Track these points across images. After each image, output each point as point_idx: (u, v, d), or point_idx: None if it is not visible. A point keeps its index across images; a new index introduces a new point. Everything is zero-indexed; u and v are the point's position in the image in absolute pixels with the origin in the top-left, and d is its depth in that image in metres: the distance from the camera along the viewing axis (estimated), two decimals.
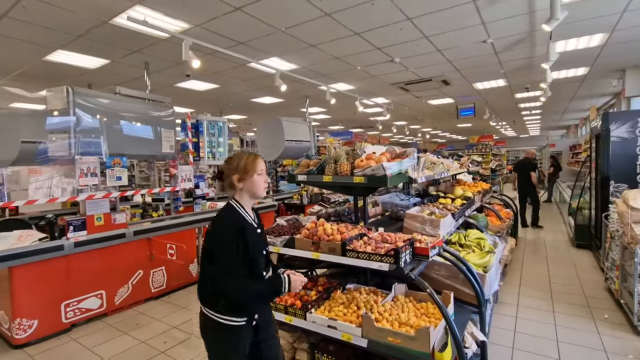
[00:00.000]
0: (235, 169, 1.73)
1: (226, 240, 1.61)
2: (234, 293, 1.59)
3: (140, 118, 4.47)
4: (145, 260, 4.20)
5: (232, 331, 1.67)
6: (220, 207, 1.81)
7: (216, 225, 1.67)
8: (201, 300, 1.71)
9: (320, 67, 6.42)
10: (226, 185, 1.80)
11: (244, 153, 1.81)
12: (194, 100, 9.04)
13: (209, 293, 1.67)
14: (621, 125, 4.88)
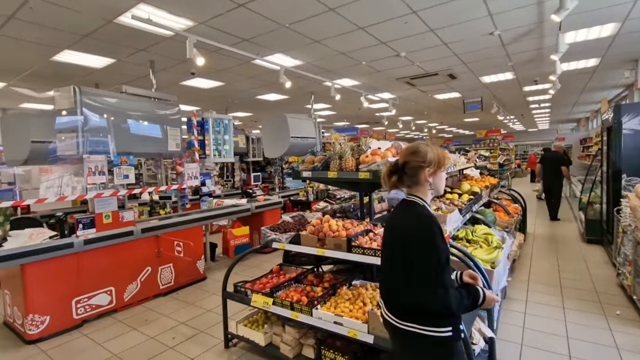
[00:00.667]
0: (428, 161, 1.50)
1: (435, 242, 1.40)
2: (443, 302, 1.36)
3: (146, 116, 4.50)
4: (153, 257, 4.25)
5: (443, 344, 1.42)
6: (406, 208, 1.54)
7: (421, 226, 1.43)
8: (391, 310, 1.49)
9: (324, 63, 6.39)
10: (407, 180, 1.54)
11: (428, 144, 1.56)
12: (199, 98, 9.08)
13: (406, 303, 1.44)
14: (634, 117, 4.77)
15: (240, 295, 2.95)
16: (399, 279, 1.45)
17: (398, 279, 1.46)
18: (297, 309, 2.53)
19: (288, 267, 3.47)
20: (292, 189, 9.39)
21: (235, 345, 3.11)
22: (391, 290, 1.52)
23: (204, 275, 4.84)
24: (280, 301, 2.65)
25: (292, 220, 3.26)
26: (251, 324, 3.05)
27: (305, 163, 3.16)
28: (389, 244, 1.57)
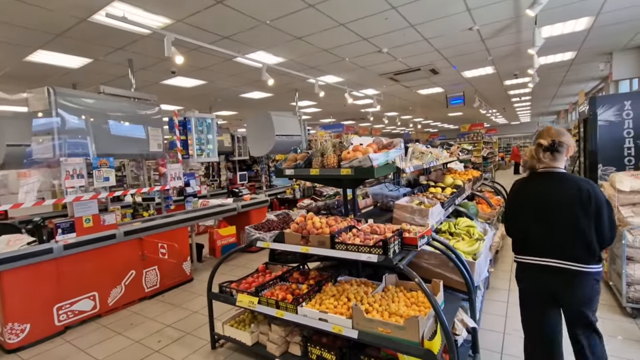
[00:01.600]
0: (571, 143, 2.00)
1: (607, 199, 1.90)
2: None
3: (126, 117, 4.41)
4: (137, 260, 4.18)
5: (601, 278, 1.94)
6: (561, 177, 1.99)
7: (594, 187, 1.89)
8: (581, 259, 1.88)
9: (307, 60, 6.37)
10: (558, 156, 1.99)
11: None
12: (181, 97, 8.94)
13: (596, 248, 1.87)
14: (608, 109, 4.92)
15: (226, 296, 2.94)
16: (586, 231, 1.85)
17: (585, 231, 1.85)
18: (283, 307, 2.53)
19: (274, 266, 3.47)
20: (279, 187, 9.36)
21: (222, 346, 3.09)
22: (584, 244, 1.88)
23: (190, 276, 4.79)
24: (265, 300, 2.64)
25: (276, 219, 3.25)
26: (238, 323, 3.04)
27: (288, 161, 3.15)
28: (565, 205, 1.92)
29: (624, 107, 4.84)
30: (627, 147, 4.86)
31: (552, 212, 1.95)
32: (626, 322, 3.13)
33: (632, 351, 2.69)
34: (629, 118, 4.82)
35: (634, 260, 3.21)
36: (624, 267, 3.18)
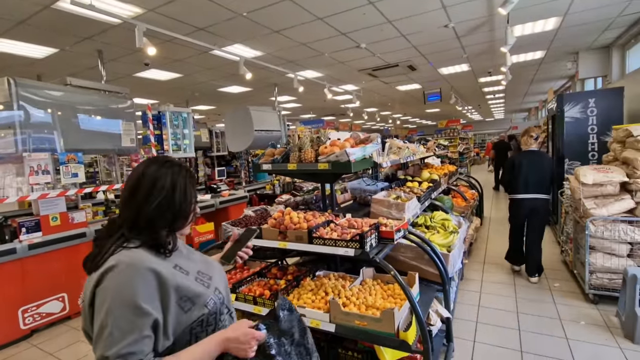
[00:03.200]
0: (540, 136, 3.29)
1: None
2: None
3: (97, 110, 4.23)
4: None
5: None
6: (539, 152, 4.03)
7: (550, 158, 3.74)
8: (545, 192, 3.93)
9: (286, 54, 6.30)
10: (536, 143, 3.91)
11: None
12: (156, 90, 8.65)
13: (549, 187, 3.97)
14: (574, 106, 5.15)
15: None
16: (547, 179, 3.88)
17: (547, 179, 3.87)
18: (260, 303, 2.51)
19: (252, 262, 3.43)
20: (259, 182, 9.27)
21: None
22: (546, 186, 3.90)
23: None
24: (242, 296, 2.61)
25: (254, 215, 3.22)
26: None
27: (266, 156, 3.11)
28: (538, 165, 3.88)
29: (588, 104, 5.08)
30: (591, 142, 5.12)
31: (534, 170, 3.85)
32: (588, 308, 3.31)
33: (593, 335, 2.85)
34: (593, 115, 5.07)
35: (596, 250, 3.39)
36: (587, 256, 3.35)
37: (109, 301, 0.87)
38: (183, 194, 1.02)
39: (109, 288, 0.88)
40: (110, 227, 1.00)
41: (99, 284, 0.90)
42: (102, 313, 0.87)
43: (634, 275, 2.85)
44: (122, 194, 1.02)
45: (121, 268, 0.90)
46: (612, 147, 3.90)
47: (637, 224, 3.23)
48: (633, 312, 2.76)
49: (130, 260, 0.92)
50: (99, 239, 1.00)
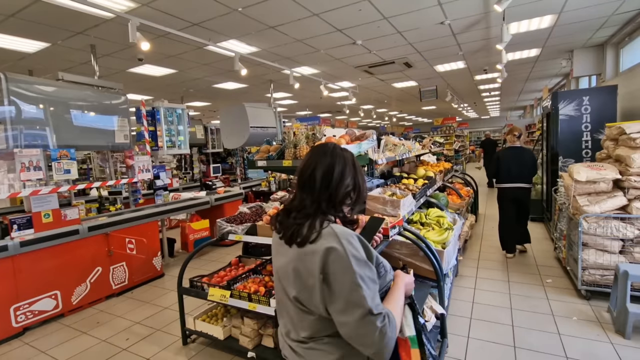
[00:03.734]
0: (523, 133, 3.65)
1: None
2: None
3: (90, 106, 4.18)
4: (103, 256, 4.00)
5: None
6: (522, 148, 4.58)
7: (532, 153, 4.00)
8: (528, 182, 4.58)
9: (282, 50, 6.26)
10: (520, 140, 4.08)
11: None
12: (151, 86, 8.57)
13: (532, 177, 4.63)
14: (569, 104, 5.18)
15: (197, 290, 2.87)
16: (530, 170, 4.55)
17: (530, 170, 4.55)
18: (255, 300, 2.51)
19: (247, 259, 3.43)
20: (255, 179, 9.24)
21: (194, 341, 3.04)
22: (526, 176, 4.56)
23: (161, 272, 4.66)
24: (237, 293, 2.61)
25: (249, 211, 3.21)
26: (210, 318, 2.99)
27: (261, 152, 3.10)
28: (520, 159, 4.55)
29: (582, 102, 5.11)
30: (584, 140, 5.15)
31: (516, 163, 4.51)
32: (580, 303, 3.35)
33: (585, 331, 2.89)
34: (587, 113, 5.10)
35: (589, 246, 3.42)
36: (580, 252, 3.38)
37: (352, 265, 0.97)
38: (362, 178, 1.17)
39: (344, 255, 0.98)
40: (300, 207, 1.08)
41: (330, 253, 0.98)
42: (349, 280, 0.96)
43: (625, 271, 2.88)
44: (310, 177, 1.10)
45: (343, 237, 1.01)
46: (605, 145, 3.93)
47: (629, 220, 3.27)
48: (624, 307, 2.79)
49: (345, 231, 1.03)
50: (289, 219, 1.09)
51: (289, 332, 1.13)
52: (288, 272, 1.08)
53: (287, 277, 1.09)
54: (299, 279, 1.04)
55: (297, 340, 1.09)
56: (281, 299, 1.16)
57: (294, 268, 1.05)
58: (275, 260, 1.18)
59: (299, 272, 1.04)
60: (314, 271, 1.00)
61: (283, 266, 1.11)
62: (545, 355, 2.60)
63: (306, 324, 1.06)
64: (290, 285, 1.08)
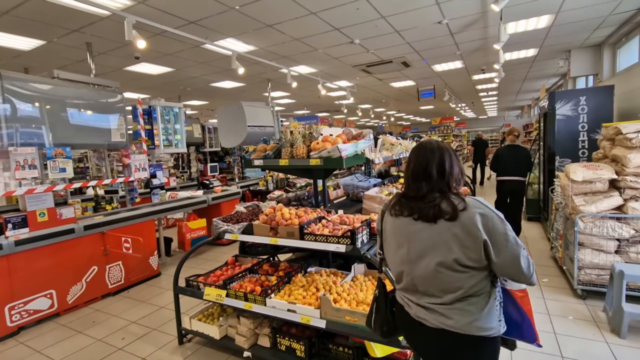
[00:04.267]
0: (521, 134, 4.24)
1: None
2: None
3: (86, 105, 4.15)
4: (99, 255, 3.98)
5: None
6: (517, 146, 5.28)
7: (528, 150, 4.37)
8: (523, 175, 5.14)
9: (279, 49, 6.25)
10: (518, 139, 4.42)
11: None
12: (147, 85, 8.53)
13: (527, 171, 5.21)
14: (566, 104, 5.19)
15: (193, 290, 2.86)
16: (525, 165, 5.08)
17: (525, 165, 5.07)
18: (251, 300, 2.50)
19: (244, 258, 3.42)
20: (252, 178, 9.22)
21: (190, 341, 3.03)
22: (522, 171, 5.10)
23: (157, 271, 4.64)
24: (233, 292, 2.60)
25: (245, 211, 3.20)
26: (206, 317, 2.98)
27: (257, 151, 3.09)
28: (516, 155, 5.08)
29: (579, 102, 5.12)
30: (581, 140, 5.16)
31: (512, 159, 5.00)
32: (576, 303, 3.36)
33: (581, 330, 2.90)
34: (584, 113, 5.11)
35: (585, 246, 3.43)
36: (576, 252, 3.39)
37: (499, 223, 1.25)
38: (460, 162, 1.46)
39: (493, 216, 1.26)
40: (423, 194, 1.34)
41: (484, 216, 1.25)
42: (502, 230, 1.25)
43: (620, 271, 2.89)
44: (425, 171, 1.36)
45: (484, 204, 1.29)
46: (602, 145, 3.94)
47: (624, 220, 3.28)
48: (620, 307, 2.81)
49: (482, 200, 1.32)
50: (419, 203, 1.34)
51: (427, 297, 1.34)
52: (436, 243, 1.29)
53: (434, 248, 1.29)
54: (458, 242, 1.25)
55: (440, 303, 1.30)
56: (419, 274, 1.34)
57: (452, 236, 1.26)
58: (402, 240, 1.38)
59: (457, 237, 1.25)
60: (477, 231, 1.23)
61: (425, 239, 1.31)
62: (540, 354, 2.61)
63: (456, 285, 1.27)
64: (440, 254, 1.28)
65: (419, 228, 1.33)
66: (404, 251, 1.37)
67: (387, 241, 1.47)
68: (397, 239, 1.41)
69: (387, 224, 1.46)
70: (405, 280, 1.39)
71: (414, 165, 1.39)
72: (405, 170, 1.44)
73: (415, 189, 1.36)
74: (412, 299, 1.39)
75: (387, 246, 1.48)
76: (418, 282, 1.35)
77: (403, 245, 1.38)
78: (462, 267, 1.26)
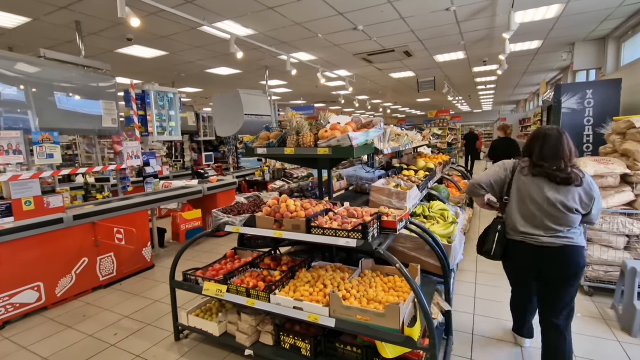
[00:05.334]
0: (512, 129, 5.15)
1: None
2: None
3: (75, 88, 3.92)
4: (90, 246, 3.80)
5: None
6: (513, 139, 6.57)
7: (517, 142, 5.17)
8: None
9: (279, 34, 6.01)
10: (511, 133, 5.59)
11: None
12: (141, 69, 8.21)
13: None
14: (572, 97, 5.09)
15: (191, 284, 2.71)
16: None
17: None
18: (254, 296, 2.36)
19: (243, 251, 3.27)
20: (248, 169, 9.03)
21: (187, 337, 2.89)
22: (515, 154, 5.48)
23: (151, 263, 4.47)
24: (235, 288, 2.46)
25: (246, 202, 3.04)
26: (204, 313, 2.84)
27: (260, 139, 2.92)
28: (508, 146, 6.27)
29: (586, 95, 5.03)
30: (586, 134, 5.09)
31: (505, 150, 6.04)
32: (584, 300, 3.29)
33: (590, 328, 2.83)
34: (590, 107, 5.02)
35: (593, 242, 3.36)
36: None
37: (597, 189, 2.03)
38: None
39: (595, 185, 2.02)
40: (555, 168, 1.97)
41: (592, 183, 1.99)
42: (598, 192, 2.03)
43: (633, 268, 2.81)
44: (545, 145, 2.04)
45: (590, 176, 2.02)
46: (611, 139, 3.85)
47: (636, 216, 3.20)
48: (632, 305, 2.74)
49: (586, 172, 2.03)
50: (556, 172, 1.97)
51: (552, 230, 2.02)
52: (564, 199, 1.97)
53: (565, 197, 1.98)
54: (579, 199, 1.97)
55: (560, 231, 2.01)
56: (545, 214, 2.03)
57: (579, 194, 1.97)
58: (536, 194, 2.04)
59: (581, 196, 1.97)
60: (592, 193, 1.98)
61: (553, 196, 1.99)
62: None
63: (568, 221, 1.99)
64: (565, 205, 1.97)
65: (549, 188, 2.01)
66: (539, 200, 2.03)
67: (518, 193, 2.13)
68: (530, 193, 2.08)
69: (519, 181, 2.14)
70: (536, 222, 2.07)
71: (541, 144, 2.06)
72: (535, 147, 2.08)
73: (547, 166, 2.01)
74: (537, 233, 2.07)
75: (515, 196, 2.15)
76: (548, 220, 2.03)
77: (535, 198, 2.06)
78: (575, 212, 1.98)
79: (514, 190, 2.14)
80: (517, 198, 2.12)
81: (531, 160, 2.07)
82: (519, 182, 2.10)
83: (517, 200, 2.12)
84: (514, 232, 2.16)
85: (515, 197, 2.13)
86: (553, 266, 2.04)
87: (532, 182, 2.04)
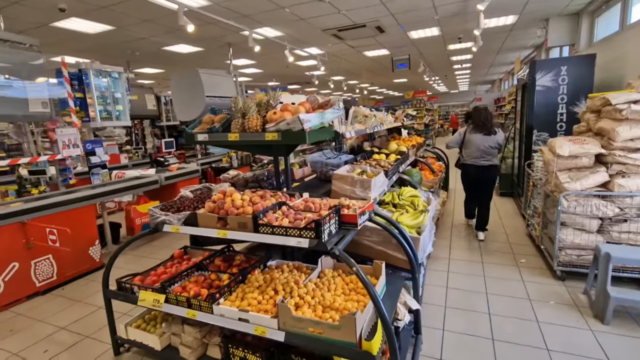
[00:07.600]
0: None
1: None
2: None
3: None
4: (20, 249, 3.33)
5: None
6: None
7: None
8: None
9: (238, 6, 5.46)
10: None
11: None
12: (85, 47, 7.38)
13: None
14: (546, 74, 4.91)
15: (126, 294, 2.36)
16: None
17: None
18: (195, 306, 2.04)
19: (195, 250, 2.92)
20: (217, 155, 8.54)
21: (129, 350, 2.55)
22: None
23: (100, 263, 4.05)
24: (174, 297, 2.12)
25: (192, 196, 2.67)
26: (147, 323, 2.51)
27: (203, 123, 2.53)
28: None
29: (560, 72, 4.86)
30: (560, 112, 4.96)
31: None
32: (556, 285, 3.19)
33: (563, 317, 2.70)
34: (564, 83, 4.87)
35: (566, 225, 3.23)
36: (557, 232, 3.18)
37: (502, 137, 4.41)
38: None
39: (504, 135, 5.17)
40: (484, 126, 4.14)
41: (500, 136, 4.21)
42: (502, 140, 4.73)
43: (607, 253, 2.68)
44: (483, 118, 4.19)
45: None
46: (586, 117, 3.69)
47: (609, 198, 3.07)
48: (604, 291, 2.61)
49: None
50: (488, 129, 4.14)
51: (483, 158, 4.13)
52: (491, 142, 4.08)
53: (489, 141, 4.07)
54: (495, 142, 4.10)
55: (488, 158, 4.13)
56: (483, 150, 4.09)
57: (496, 140, 4.09)
58: (476, 140, 4.11)
59: (497, 141, 4.10)
60: (500, 140, 4.13)
61: (486, 141, 4.07)
62: (525, 347, 2.38)
63: (491, 153, 4.13)
64: (489, 146, 4.07)
65: (485, 138, 4.08)
66: (478, 144, 4.08)
67: (468, 142, 4.20)
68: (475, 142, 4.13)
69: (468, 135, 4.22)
70: (476, 154, 4.12)
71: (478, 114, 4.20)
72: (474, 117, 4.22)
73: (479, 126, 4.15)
74: (478, 160, 4.13)
75: (467, 143, 4.21)
76: (483, 153, 4.09)
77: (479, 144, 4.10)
78: (493, 148, 4.08)
79: (465, 140, 4.23)
80: (467, 144, 4.20)
81: (473, 124, 4.19)
82: (468, 136, 4.20)
83: (467, 144, 4.20)
84: (467, 159, 4.21)
85: (467, 144, 4.20)
86: (484, 175, 4.16)
87: (474, 135, 4.12)
